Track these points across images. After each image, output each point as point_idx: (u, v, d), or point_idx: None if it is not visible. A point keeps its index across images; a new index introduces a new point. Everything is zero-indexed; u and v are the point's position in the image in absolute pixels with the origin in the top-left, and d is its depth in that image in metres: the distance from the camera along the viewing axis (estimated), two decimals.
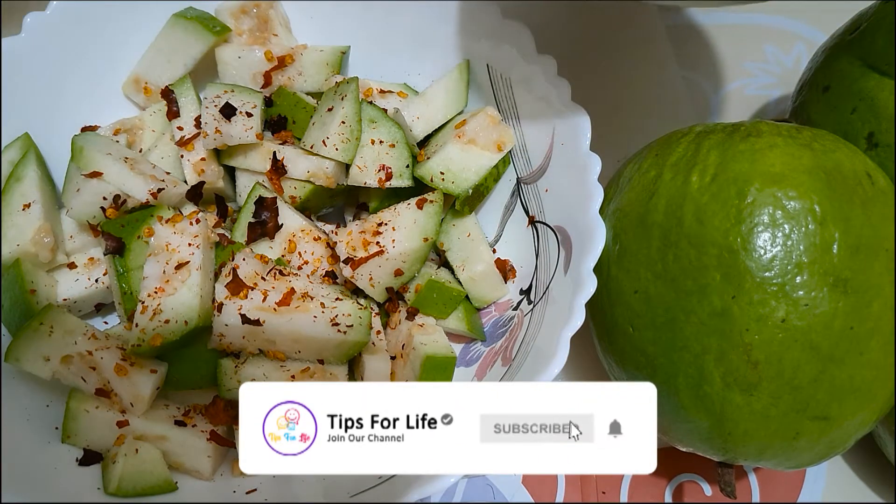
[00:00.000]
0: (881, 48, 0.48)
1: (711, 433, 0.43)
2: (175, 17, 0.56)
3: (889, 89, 0.48)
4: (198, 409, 0.49)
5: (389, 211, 0.53)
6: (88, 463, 0.47)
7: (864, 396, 0.42)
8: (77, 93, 0.56)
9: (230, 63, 0.57)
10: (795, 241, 0.40)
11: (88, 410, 0.47)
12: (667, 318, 0.43)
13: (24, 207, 0.51)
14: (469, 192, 0.53)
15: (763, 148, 0.43)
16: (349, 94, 0.52)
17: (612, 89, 0.67)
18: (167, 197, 0.52)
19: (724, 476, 0.46)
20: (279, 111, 0.56)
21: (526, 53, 0.52)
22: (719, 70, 0.71)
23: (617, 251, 0.46)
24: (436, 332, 0.52)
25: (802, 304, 0.40)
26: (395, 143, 0.53)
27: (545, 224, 0.52)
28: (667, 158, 0.46)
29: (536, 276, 0.52)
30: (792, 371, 0.40)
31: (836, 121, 0.50)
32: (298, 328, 0.47)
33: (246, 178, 0.55)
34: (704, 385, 0.42)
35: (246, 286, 0.48)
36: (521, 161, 0.55)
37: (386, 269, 0.51)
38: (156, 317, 0.46)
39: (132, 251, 0.49)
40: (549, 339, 0.44)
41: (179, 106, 0.55)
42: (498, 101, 0.55)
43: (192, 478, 0.48)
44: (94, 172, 0.50)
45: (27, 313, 0.49)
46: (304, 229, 0.53)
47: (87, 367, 0.47)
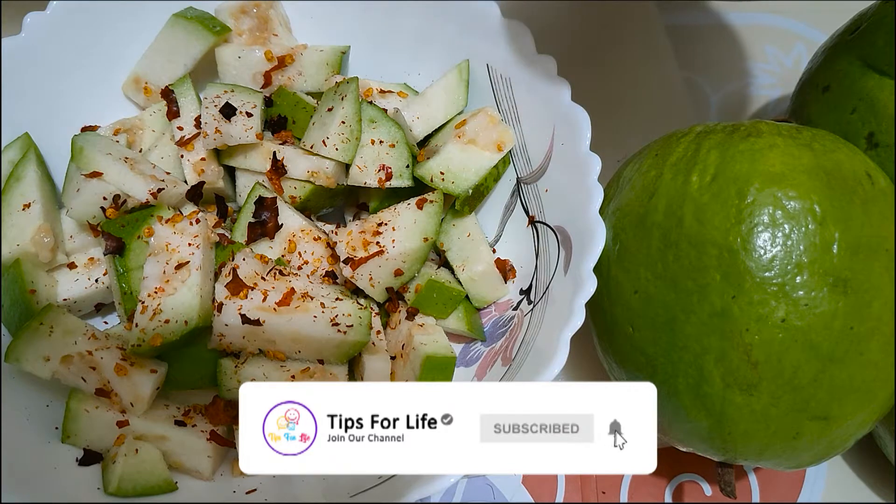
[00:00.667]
0: (881, 48, 0.48)
1: (711, 433, 0.43)
2: (175, 17, 0.56)
3: (889, 89, 0.48)
4: (198, 409, 0.49)
5: (389, 211, 0.53)
6: (88, 463, 0.47)
7: (864, 396, 0.42)
8: (77, 93, 0.56)
9: (230, 63, 0.57)
10: (795, 241, 0.40)
11: (88, 410, 0.47)
12: (667, 318, 0.43)
13: (24, 207, 0.51)
14: (469, 192, 0.53)
15: (763, 148, 0.43)
16: (349, 94, 0.52)
17: (612, 90, 0.67)
18: (167, 197, 0.52)
19: (724, 476, 0.46)
20: (279, 111, 0.56)
21: (526, 53, 0.52)
22: (719, 70, 0.71)
23: (617, 251, 0.46)
24: (436, 332, 0.52)
25: (802, 304, 0.40)
26: (395, 143, 0.53)
27: (545, 224, 0.52)
28: (667, 158, 0.46)
29: (536, 276, 0.52)
30: (792, 371, 0.40)
31: (836, 121, 0.50)
32: (298, 328, 0.47)
33: (246, 178, 0.55)
34: (704, 385, 0.42)
35: (246, 286, 0.48)
36: (521, 161, 0.55)
37: (386, 269, 0.51)
38: (156, 317, 0.46)
39: (132, 251, 0.49)
40: (549, 339, 0.44)
41: (179, 106, 0.55)
42: (498, 101, 0.55)
43: (192, 478, 0.48)
44: (94, 172, 0.50)
45: (27, 313, 0.49)
46: (304, 229, 0.53)
47: (87, 367, 0.47)
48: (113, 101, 0.58)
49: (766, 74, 0.71)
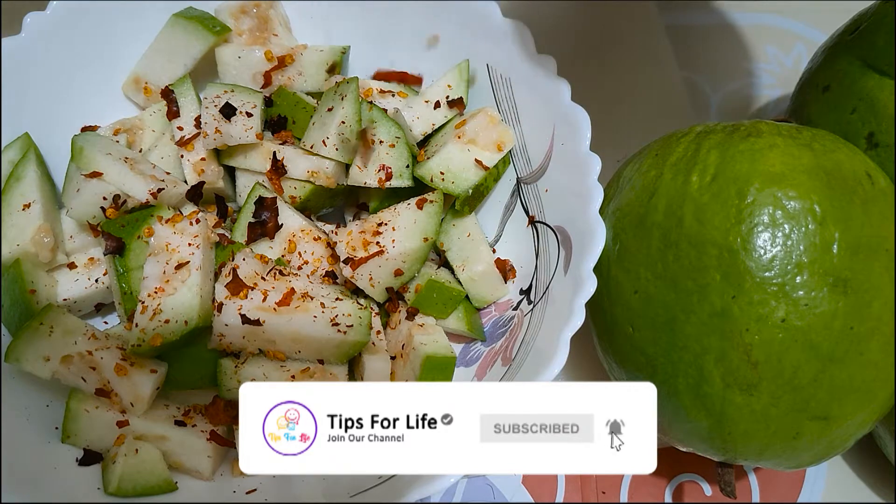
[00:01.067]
0: (881, 48, 0.48)
1: (711, 433, 0.43)
2: (175, 17, 0.56)
3: (889, 89, 0.48)
4: (198, 409, 0.49)
5: (389, 211, 0.53)
6: (88, 463, 0.47)
7: (864, 396, 0.42)
8: (77, 93, 0.56)
9: (230, 63, 0.57)
10: (795, 241, 0.40)
11: (88, 410, 0.47)
12: (667, 318, 0.43)
13: (24, 207, 0.51)
14: (469, 192, 0.53)
15: (763, 148, 0.43)
16: (349, 94, 0.52)
17: (612, 89, 0.67)
18: (167, 197, 0.52)
19: (724, 476, 0.46)
20: (279, 111, 0.56)
21: (526, 53, 0.52)
22: (719, 70, 0.71)
23: (617, 251, 0.46)
24: (436, 332, 0.52)
25: (802, 304, 0.40)
26: (395, 143, 0.53)
27: (545, 224, 0.52)
28: (667, 158, 0.46)
29: (536, 276, 0.52)
30: (792, 371, 0.40)
31: (836, 121, 0.50)
32: (298, 328, 0.47)
33: (246, 178, 0.55)
34: (704, 385, 0.42)
35: (246, 286, 0.48)
36: (521, 161, 0.55)
37: (386, 269, 0.51)
38: (156, 317, 0.46)
39: (132, 251, 0.49)
40: (549, 339, 0.44)
41: (179, 106, 0.55)
42: (498, 101, 0.55)
43: (192, 478, 0.48)
44: (94, 172, 0.50)
45: (27, 313, 0.49)
46: (304, 229, 0.53)
47: (87, 367, 0.47)
48: (113, 101, 0.58)
49: (766, 74, 0.71)
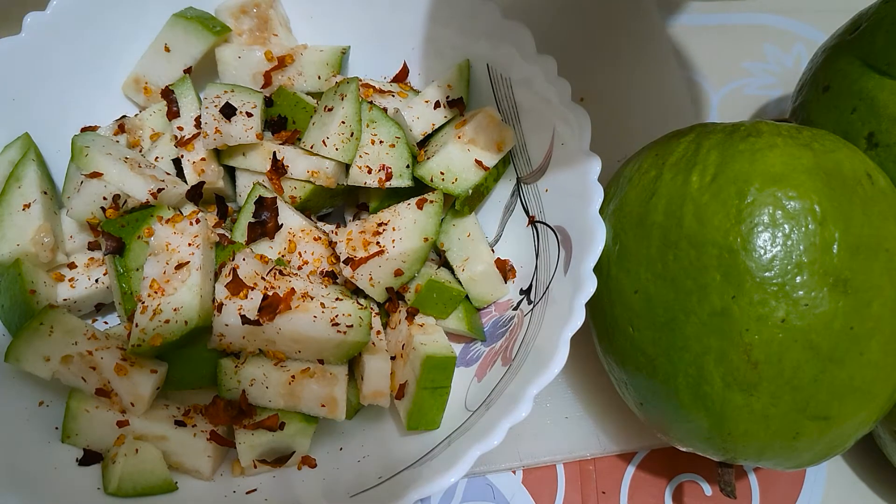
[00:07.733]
0: (881, 48, 0.48)
1: (711, 433, 0.43)
2: (175, 17, 0.56)
3: (889, 89, 0.48)
4: (198, 409, 0.49)
5: (389, 211, 0.53)
6: (88, 463, 0.47)
7: (864, 396, 0.42)
8: (77, 93, 0.56)
9: (230, 63, 0.57)
10: (795, 241, 0.40)
11: (88, 410, 0.47)
12: (667, 318, 0.43)
13: (24, 207, 0.51)
14: (469, 192, 0.53)
15: (763, 148, 0.43)
16: (349, 94, 0.52)
17: (612, 89, 0.67)
18: (167, 197, 0.52)
19: (724, 476, 0.46)
20: (279, 111, 0.56)
21: (526, 53, 0.52)
22: (719, 70, 0.71)
23: (617, 251, 0.46)
24: (436, 332, 0.52)
25: (802, 304, 0.40)
26: (395, 143, 0.53)
27: (545, 224, 0.52)
28: (667, 158, 0.46)
29: (536, 276, 0.52)
30: (792, 371, 0.40)
31: (836, 121, 0.50)
32: (298, 328, 0.47)
33: (246, 178, 0.55)
34: (704, 385, 0.42)
35: (246, 286, 0.48)
36: (521, 161, 0.55)
37: (386, 269, 0.51)
38: (156, 317, 0.46)
39: (132, 251, 0.49)
40: (549, 339, 0.44)
41: (179, 106, 0.55)
42: (498, 101, 0.55)
43: (192, 478, 0.48)
44: (94, 172, 0.50)
45: (27, 313, 0.49)
46: (304, 229, 0.53)
47: (87, 367, 0.47)
48: (113, 101, 0.58)
49: (766, 74, 0.71)
